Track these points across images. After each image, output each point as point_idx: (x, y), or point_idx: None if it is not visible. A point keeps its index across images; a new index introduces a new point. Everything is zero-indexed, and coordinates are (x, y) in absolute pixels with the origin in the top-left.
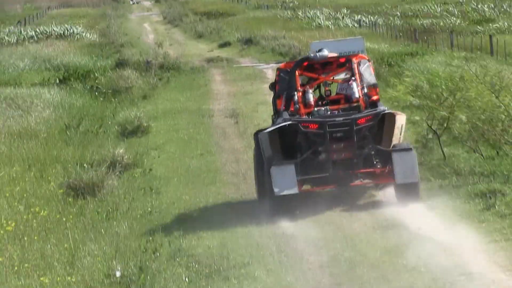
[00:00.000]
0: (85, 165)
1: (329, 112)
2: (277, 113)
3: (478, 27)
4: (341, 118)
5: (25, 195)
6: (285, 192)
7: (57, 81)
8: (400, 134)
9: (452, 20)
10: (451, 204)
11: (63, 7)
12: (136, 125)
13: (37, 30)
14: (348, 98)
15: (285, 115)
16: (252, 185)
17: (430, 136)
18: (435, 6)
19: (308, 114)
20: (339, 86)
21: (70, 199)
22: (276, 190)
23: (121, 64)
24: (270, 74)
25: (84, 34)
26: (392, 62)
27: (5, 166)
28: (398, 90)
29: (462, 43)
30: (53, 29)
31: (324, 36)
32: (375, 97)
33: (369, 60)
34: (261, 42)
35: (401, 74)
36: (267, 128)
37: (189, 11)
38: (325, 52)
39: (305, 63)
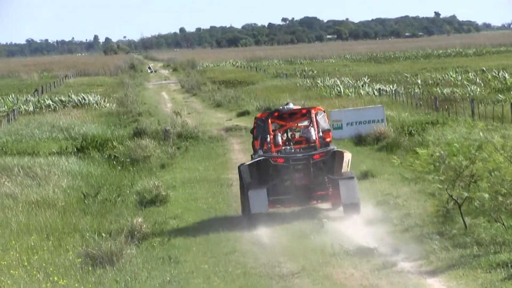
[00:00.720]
0: (103, 234)
1: (293, 150)
2: (254, 151)
3: (500, 95)
4: (301, 154)
5: (43, 264)
6: (259, 211)
7: (75, 150)
8: (348, 167)
9: (473, 89)
10: (472, 274)
11: (80, 76)
12: (155, 194)
13: (54, 98)
14: (308, 140)
15: (260, 152)
16: (272, 254)
17: (451, 205)
18: (456, 74)
19: (277, 151)
20: (301, 131)
21: (88, 268)
22: (252, 209)
23: (139, 133)
24: None
25: (101, 103)
26: (412, 131)
27: (23, 235)
28: (418, 159)
29: (483, 112)
30: (70, 98)
31: (344, 105)
32: (328, 139)
33: (324, 111)
34: None
35: (422, 143)
36: (247, 162)
37: (207, 79)
38: (291, 105)
39: (276, 114)
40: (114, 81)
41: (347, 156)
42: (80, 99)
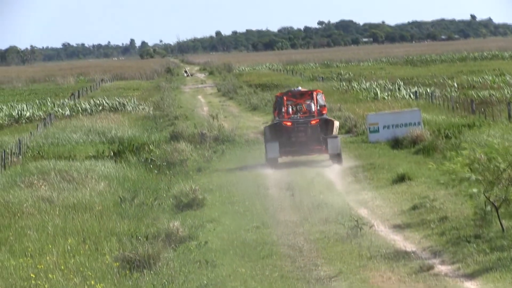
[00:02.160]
0: (140, 238)
1: (298, 117)
2: (274, 118)
3: None
4: (303, 120)
5: (80, 268)
6: (272, 156)
7: (111, 154)
8: (336, 131)
9: (509, 91)
10: (509, 277)
11: (116, 80)
12: (191, 198)
13: (91, 102)
14: (310, 111)
15: (277, 119)
16: (309, 257)
17: (488, 208)
18: (493, 77)
19: (288, 118)
20: (306, 105)
21: (125, 272)
22: (268, 154)
23: (175, 136)
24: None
25: (138, 107)
26: (449, 134)
27: (60, 238)
28: (455, 163)
29: None
30: (107, 102)
31: (380, 108)
32: (324, 112)
33: (322, 93)
34: None
35: (458, 146)
36: (269, 124)
37: (243, 83)
38: (300, 88)
39: (290, 93)
40: (151, 85)
41: (336, 123)
42: (117, 103)
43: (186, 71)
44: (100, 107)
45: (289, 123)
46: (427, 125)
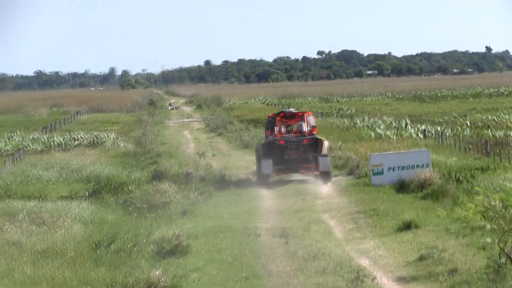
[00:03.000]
0: None
1: (290, 137)
2: (266, 137)
3: None
4: (295, 139)
5: None
6: (266, 172)
7: (87, 194)
8: (326, 150)
9: None
10: None
11: (93, 112)
12: (175, 244)
13: (65, 137)
14: (301, 131)
15: (270, 137)
16: None
17: (503, 260)
18: (508, 116)
19: (280, 137)
20: (297, 125)
21: None
22: (262, 171)
23: (158, 176)
24: (326, 190)
25: (116, 142)
26: (460, 177)
27: (28, 287)
28: (467, 209)
29: None
30: (83, 136)
31: (385, 148)
32: (314, 132)
33: (312, 114)
34: None
35: (471, 191)
36: (262, 143)
37: (234, 118)
38: (291, 109)
39: (282, 114)
40: (131, 119)
41: (326, 143)
42: (94, 137)
43: (170, 104)
44: (76, 142)
45: (282, 141)
46: (437, 167)
